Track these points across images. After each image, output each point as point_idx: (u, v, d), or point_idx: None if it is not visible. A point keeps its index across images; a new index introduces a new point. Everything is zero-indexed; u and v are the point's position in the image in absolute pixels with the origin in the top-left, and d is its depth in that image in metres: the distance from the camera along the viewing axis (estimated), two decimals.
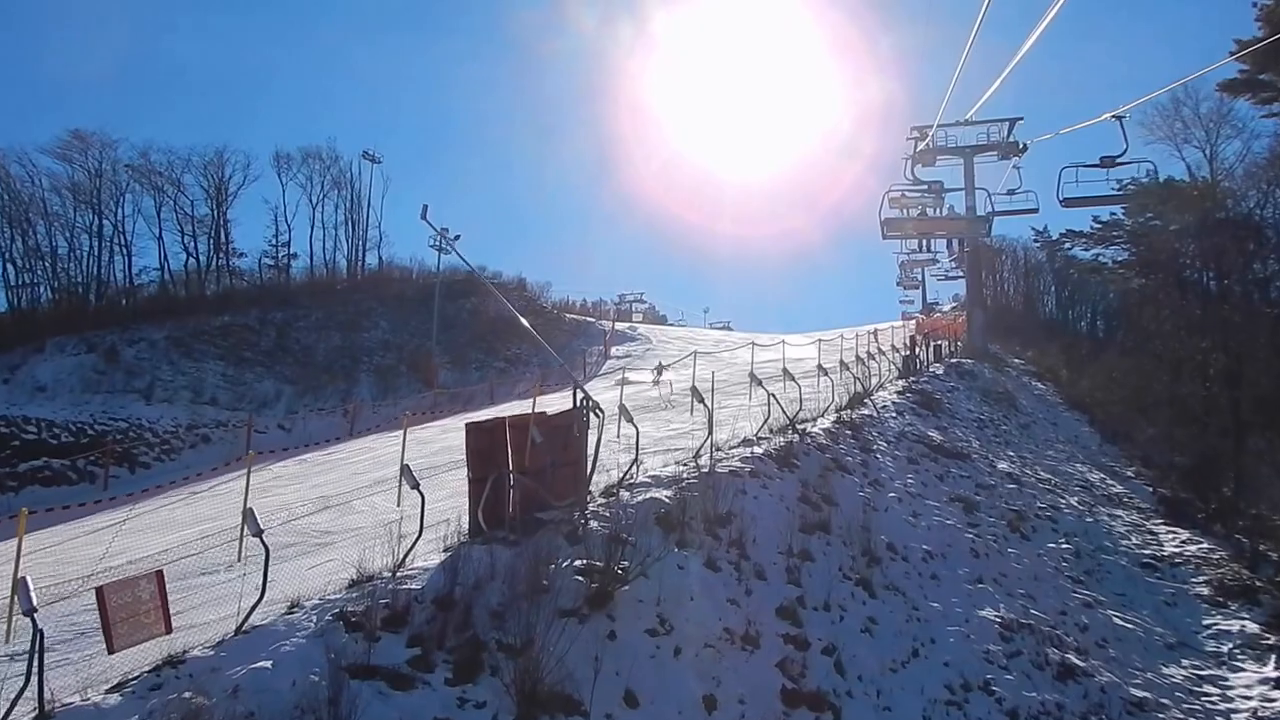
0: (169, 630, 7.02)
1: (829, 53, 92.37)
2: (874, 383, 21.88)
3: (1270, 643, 12.51)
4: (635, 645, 8.25)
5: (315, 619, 7.67)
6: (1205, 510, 20.11)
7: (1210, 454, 23.64)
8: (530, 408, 12.90)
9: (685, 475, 11.74)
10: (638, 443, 11.51)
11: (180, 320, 34.98)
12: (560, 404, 19.19)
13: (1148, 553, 16.16)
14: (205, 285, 41.64)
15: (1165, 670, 11.40)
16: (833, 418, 16.83)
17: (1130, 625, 12.40)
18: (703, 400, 13.14)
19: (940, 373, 27.52)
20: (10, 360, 31.64)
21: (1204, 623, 13.42)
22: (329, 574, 8.83)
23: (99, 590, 6.73)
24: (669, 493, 11.05)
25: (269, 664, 6.82)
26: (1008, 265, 66.82)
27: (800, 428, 15.05)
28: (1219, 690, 11.17)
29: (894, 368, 25.24)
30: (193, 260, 43.74)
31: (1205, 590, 14.59)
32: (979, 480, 16.51)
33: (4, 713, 5.79)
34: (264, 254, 46.97)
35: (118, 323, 34.06)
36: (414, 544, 8.89)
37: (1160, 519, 19.03)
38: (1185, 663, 11.85)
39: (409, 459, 18.63)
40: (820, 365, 18.20)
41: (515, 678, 7.01)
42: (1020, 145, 34.72)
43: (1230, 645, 12.57)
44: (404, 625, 7.69)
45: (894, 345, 26.75)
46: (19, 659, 6.82)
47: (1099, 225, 45.21)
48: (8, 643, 8.20)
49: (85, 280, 38.77)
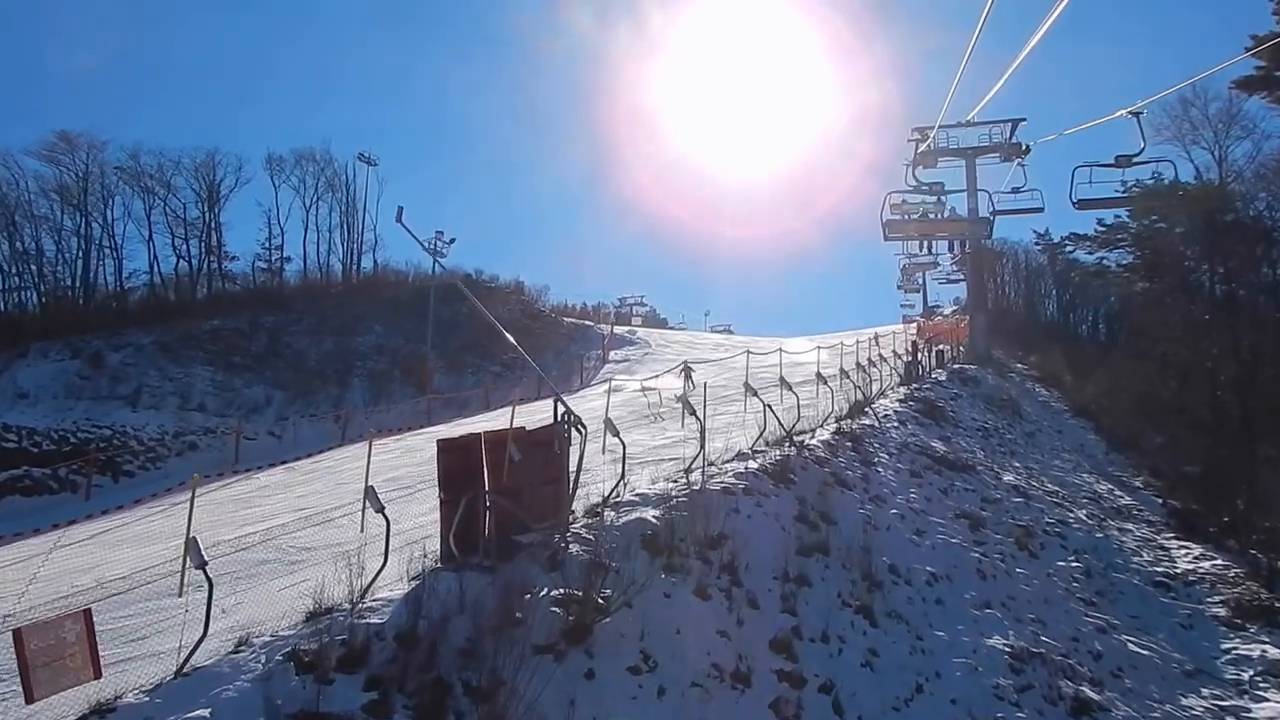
0: (98, 675, 6.38)
1: (827, 55, 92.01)
2: (875, 390, 21.25)
3: None
4: (615, 685, 7.61)
5: (264, 658, 7.04)
6: (1218, 524, 19.44)
7: (1221, 464, 22.96)
8: (524, 415, 12.35)
9: (675, 493, 11.08)
10: (624, 459, 10.85)
11: (169, 324, 34.31)
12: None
13: (1160, 570, 15.50)
14: (196, 289, 41.01)
15: (1185, 701, 10.74)
16: (832, 428, 16.17)
17: (1146, 652, 11.74)
18: (694, 412, 12.49)
19: (943, 379, 26.86)
20: None
21: (1222, 647, 12.77)
22: (300, 596, 8.23)
23: (17, 633, 6.08)
24: (657, 512, 10.39)
25: (207, 712, 6.21)
26: (1009, 268, 66.29)
27: (798, 439, 14.41)
28: None
29: (895, 374, 24.61)
30: (184, 263, 43.19)
31: (1222, 611, 13.94)
32: (984, 494, 15.85)
33: None
34: (256, 257, 46.50)
35: (105, 327, 33.39)
36: (378, 573, 8.27)
37: (1171, 533, 18.38)
38: (1205, 692, 11.20)
39: (398, 470, 18.20)
40: (819, 373, 17.54)
41: None
42: (1023, 147, 34.07)
43: (1251, 672, 11.91)
44: (362, 665, 7.06)
45: (895, 351, 26.11)
46: None
47: (1103, 228, 44.55)
48: None
49: (73, 284, 38.15)
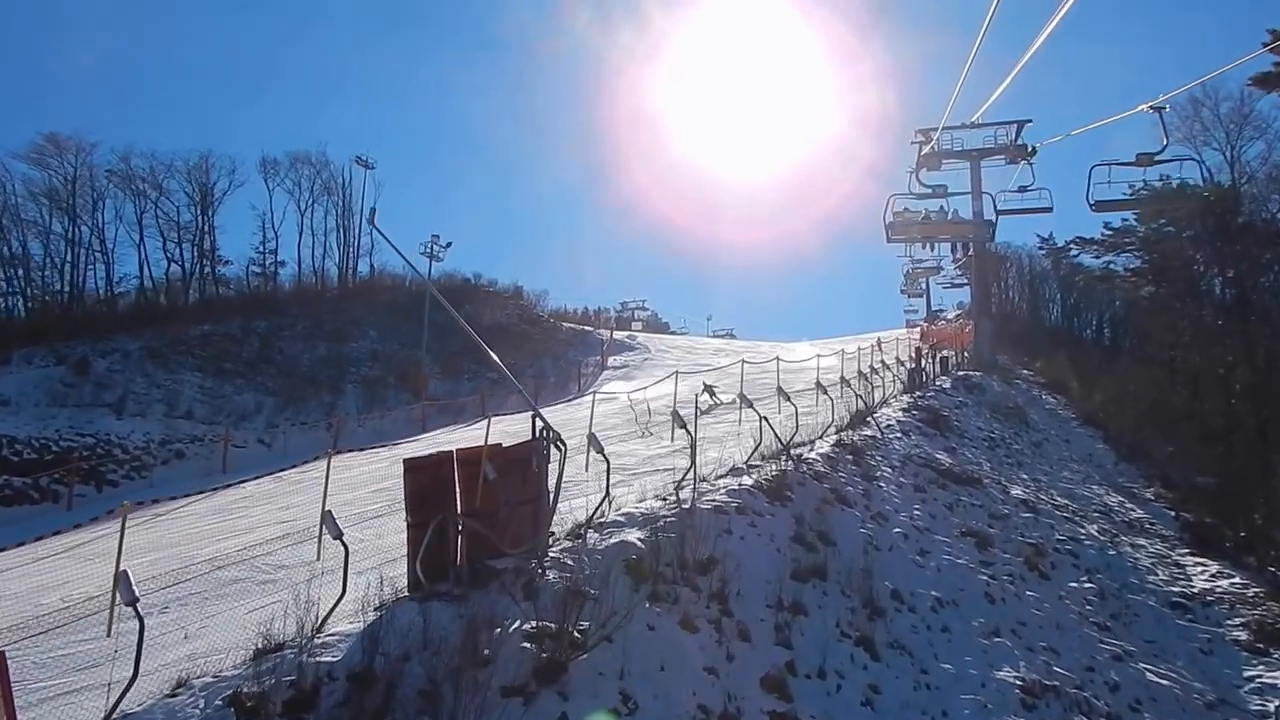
0: None
1: (827, 58, 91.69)
2: (877, 399, 20.58)
3: None
4: None
5: (203, 703, 6.41)
6: (1234, 538, 18.72)
7: (1236, 476, 22.22)
8: (522, 421, 11.71)
9: (663, 512, 10.42)
10: (608, 476, 10.19)
11: (158, 330, 33.64)
12: (551, 417, 18.01)
13: (1177, 590, 14.80)
14: (189, 294, 40.34)
15: None
16: (832, 439, 15.51)
17: (1165, 682, 11.03)
18: (684, 425, 11.83)
19: (947, 386, 26.17)
20: None
21: (1245, 674, 12.07)
22: (264, 622, 7.62)
23: None
24: (642, 534, 9.71)
25: None
26: (1012, 272, 65.54)
27: (795, 452, 13.74)
28: None
29: (898, 381, 23.94)
30: (176, 268, 42.37)
31: (1243, 635, 13.23)
32: (992, 509, 15.16)
33: None
34: (250, 262, 45.83)
35: (92, 333, 32.64)
36: (335, 604, 7.63)
37: (1186, 548, 17.68)
38: None
39: (385, 482, 17.53)
40: (819, 381, 16.88)
41: None
42: (1029, 149, 33.42)
43: (1277, 702, 11.21)
44: (310, 709, 6.42)
45: (898, 358, 25.43)
46: None
47: (1110, 232, 43.80)
48: None
49: (62, 289, 37.46)
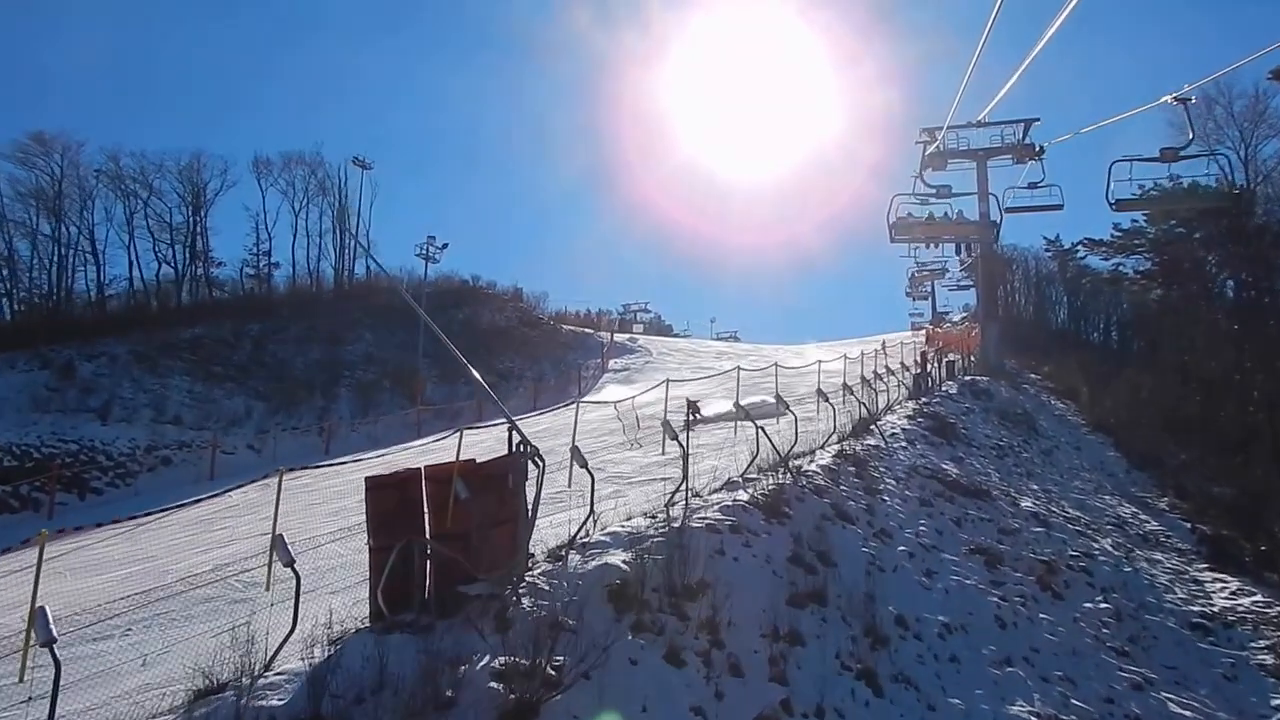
0: None
1: (831, 60, 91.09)
2: (881, 405, 19.87)
3: None
4: None
5: None
6: (1254, 553, 17.95)
7: (1255, 486, 21.42)
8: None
9: (650, 532, 9.72)
10: (592, 494, 9.52)
11: (147, 333, 32.95)
12: (551, 421, 17.40)
13: (1197, 609, 14.04)
14: (181, 296, 39.68)
15: None
16: (834, 450, 14.81)
17: (1188, 713, 10.31)
18: (675, 437, 11.16)
19: (953, 392, 25.45)
20: None
21: (1273, 703, 11.33)
22: (226, 648, 6.98)
23: None
24: (628, 556, 9.01)
25: None
26: (1018, 275, 64.72)
27: (794, 465, 13.04)
28: None
29: (903, 387, 23.23)
30: (168, 269, 41.77)
31: (1269, 659, 12.48)
32: (1001, 524, 14.44)
33: None
34: (244, 264, 45.20)
35: (79, 336, 31.93)
36: (286, 638, 6.98)
37: (1204, 563, 16.93)
38: None
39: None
40: (820, 389, 16.19)
41: None
42: (1037, 148, 32.68)
43: None
44: None
45: (903, 362, 24.71)
46: None
47: (1119, 233, 42.90)
48: None
49: (51, 291, 36.73)
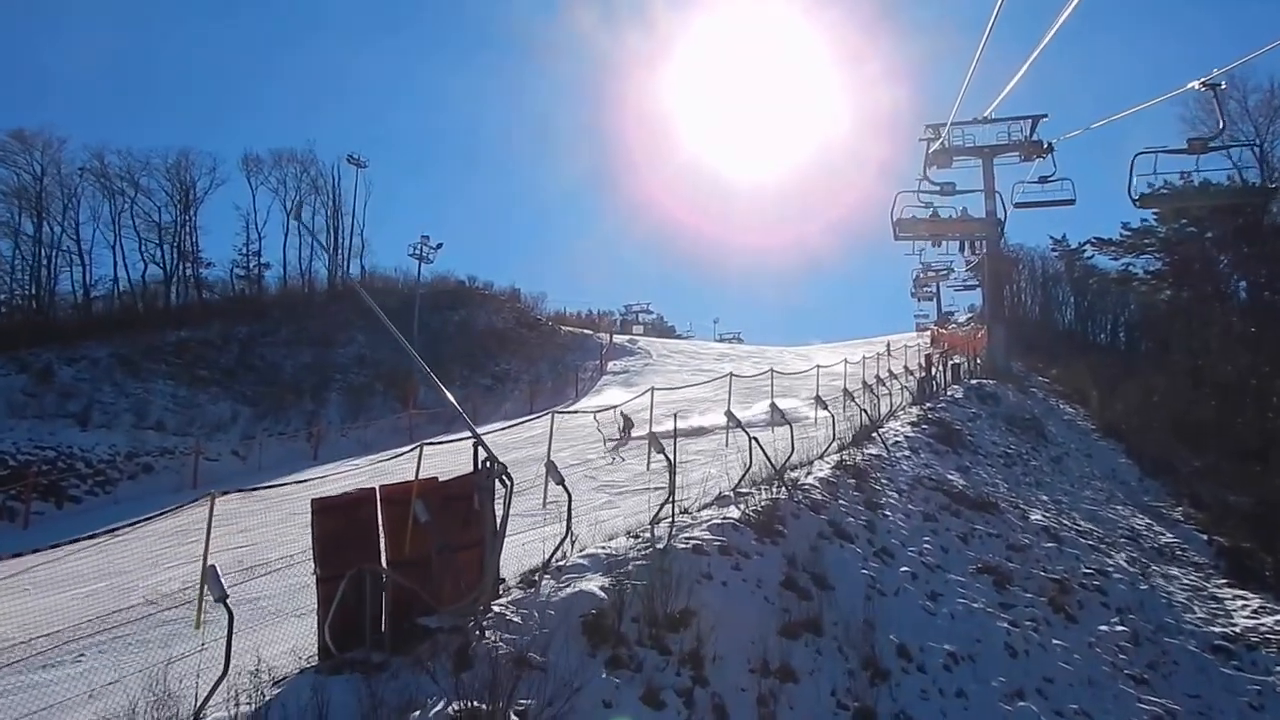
0: None
1: (837, 59, 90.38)
2: (884, 411, 19.10)
3: None
4: None
5: None
6: (1274, 567, 17.14)
7: (1275, 495, 20.56)
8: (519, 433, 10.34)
9: (633, 554, 8.98)
10: (569, 514, 8.77)
11: (131, 336, 32.17)
12: (545, 426, 16.65)
13: (1218, 631, 13.23)
14: (170, 297, 38.83)
15: None
16: (833, 460, 14.04)
17: None
18: (662, 450, 10.40)
19: (959, 396, 24.64)
20: None
21: None
22: (181, 677, 6.30)
23: None
24: (606, 581, 8.27)
25: None
26: (1024, 275, 63.84)
27: (790, 478, 12.28)
28: None
29: (907, 392, 22.46)
30: (156, 270, 40.70)
31: None
32: (1010, 539, 13.66)
33: None
34: (234, 264, 44.16)
35: (60, 339, 31.19)
36: (216, 684, 6.24)
37: (1223, 578, 16.12)
38: None
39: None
40: (818, 397, 15.42)
41: None
42: (1045, 144, 31.88)
43: None
44: None
45: (906, 366, 23.94)
46: None
47: (1129, 232, 41.97)
48: None
49: (34, 292, 35.85)
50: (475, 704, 6.20)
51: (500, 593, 8.08)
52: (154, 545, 16.55)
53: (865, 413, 16.64)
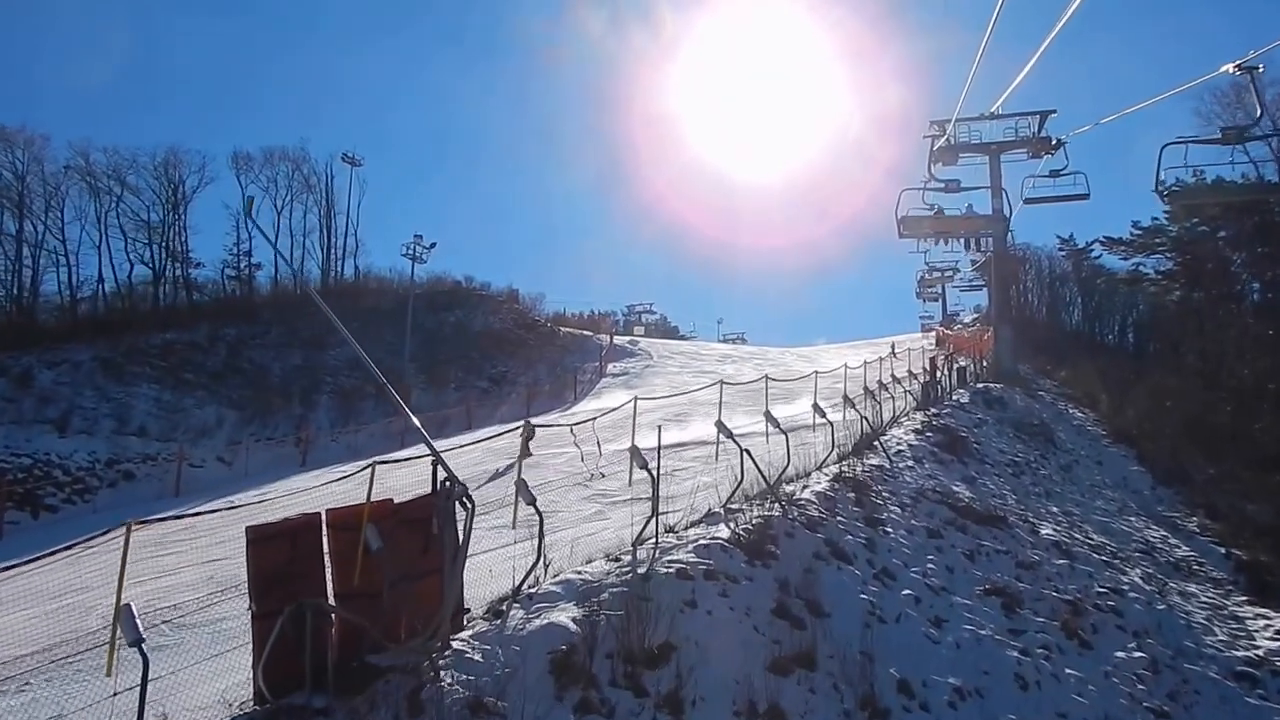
0: None
1: (844, 60, 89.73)
2: (887, 418, 18.32)
3: None
4: None
5: None
6: None
7: None
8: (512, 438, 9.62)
9: (611, 580, 8.24)
10: (541, 537, 8.03)
11: (114, 339, 31.38)
12: (540, 432, 15.88)
13: (1240, 654, 12.44)
14: (158, 298, 38.04)
15: None
16: (831, 472, 13.27)
17: None
18: (645, 466, 9.67)
19: (965, 401, 23.85)
20: None
21: None
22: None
23: None
24: (580, 613, 7.55)
25: None
26: (1031, 275, 62.97)
27: (785, 491, 11.54)
28: None
29: (910, 396, 21.67)
30: (144, 270, 39.69)
31: None
32: (1020, 556, 12.87)
33: None
34: (224, 264, 43.22)
35: (41, 342, 30.42)
36: None
37: (1243, 595, 15.35)
38: None
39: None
40: (815, 404, 14.67)
41: None
42: (1053, 141, 31.07)
43: None
44: None
45: (910, 370, 23.15)
46: None
47: (1139, 231, 41.03)
48: None
49: (17, 293, 34.93)
50: None
51: (464, 624, 7.38)
52: (129, 556, 15.87)
53: (866, 420, 15.87)
